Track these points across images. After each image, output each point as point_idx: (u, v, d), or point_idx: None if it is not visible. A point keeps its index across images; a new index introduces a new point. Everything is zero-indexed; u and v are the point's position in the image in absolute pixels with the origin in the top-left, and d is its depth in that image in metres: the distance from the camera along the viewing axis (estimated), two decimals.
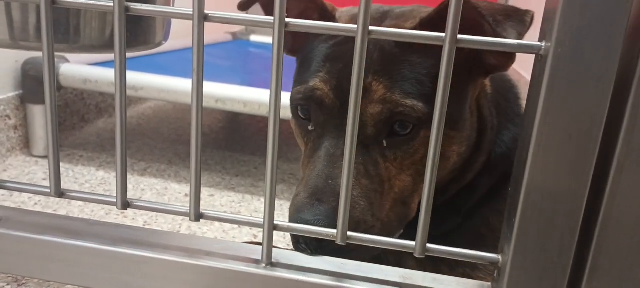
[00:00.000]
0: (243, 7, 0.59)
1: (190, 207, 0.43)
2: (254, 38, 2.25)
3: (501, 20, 0.46)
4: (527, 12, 0.47)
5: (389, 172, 0.54)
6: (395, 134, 0.53)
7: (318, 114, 0.55)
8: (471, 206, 0.63)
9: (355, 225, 0.50)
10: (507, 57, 0.53)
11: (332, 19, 0.61)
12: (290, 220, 0.50)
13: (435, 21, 0.53)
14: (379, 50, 0.53)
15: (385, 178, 0.54)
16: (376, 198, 0.53)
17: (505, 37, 0.44)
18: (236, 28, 2.27)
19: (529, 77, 0.38)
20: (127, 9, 0.39)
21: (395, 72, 0.52)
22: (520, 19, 0.46)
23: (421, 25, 0.54)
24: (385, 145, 0.54)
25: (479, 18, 0.48)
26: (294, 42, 0.65)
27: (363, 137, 0.53)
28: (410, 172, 0.54)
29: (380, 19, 0.59)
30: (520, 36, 0.45)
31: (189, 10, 0.39)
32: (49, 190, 0.45)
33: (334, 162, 0.52)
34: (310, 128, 0.57)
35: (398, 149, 0.54)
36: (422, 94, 0.52)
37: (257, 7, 0.63)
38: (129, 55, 0.42)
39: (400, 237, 0.53)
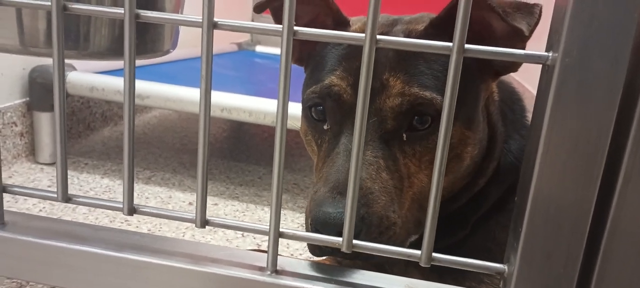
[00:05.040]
0: (258, 9, 0.60)
1: (196, 213, 0.43)
2: (259, 48, 2.26)
3: (510, 12, 0.48)
4: (535, 5, 0.49)
5: (408, 169, 0.54)
6: (414, 129, 0.54)
7: (335, 111, 0.55)
8: (479, 217, 0.62)
9: (378, 221, 0.50)
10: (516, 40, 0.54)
11: (346, 24, 0.62)
12: (311, 215, 0.49)
13: (446, 20, 0.53)
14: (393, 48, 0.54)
15: (405, 175, 0.54)
16: (396, 195, 0.52)
17: (515, 27, 0.48)
18: (242, 38, 2.29)
19: (533, 91, 0.38)
20: (137, 16, 0.40)
21: (412, 68, 0.53)
22: (529, 11, 0.49)
23: (432, 26, 0.56)
24: (404, 139, 0.54)
25: (488, 11, 0.50)
26: (302, 50, 0.65)
27: (382, 131, 0.53)
28: (427, 172, 0.55)
29: (391, 25, 0.60)
30: (530, 27, 0.48)
31: (198, 17, 0.39)
32: (55, 196, 0.45)
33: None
34: (325, 127, 0.57)
35: (417, 144, 0.54)
36: (439, 88, 0.52)
37: (267, 18, 0.63)
38: (137, 62, 0.42)
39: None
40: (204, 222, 0.43)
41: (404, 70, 0.53)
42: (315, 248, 0.52)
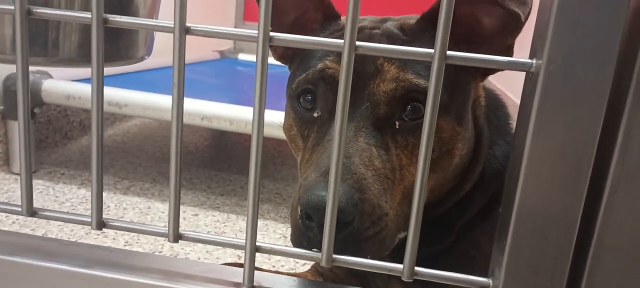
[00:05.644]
0: None
1: (168, 227, 0.41)
2: (242, 56, 2.24)
3: None
4: None
5: (400, 160, 0.53)
6: (407, 119, 0.53)
7: (328, 95, 0.54)
8: (464, 224, 0.61)
9: (371, 209, 0.48)
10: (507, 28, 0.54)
11: (337, 18, 0.61)
12: (302, 200, 0.47)
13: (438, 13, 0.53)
14: (386, 38, 0.55)
15: (396, 166, 0.52)
16: (388, 185, 0.51)
17: (512, 11, 0.49)
18: (224, 46, 2.27)
19: (516, 100, 0.37)
20: (106, 20, 0.38)
21: None
22: (522, 0, 0.50)
23: (425, 20, 0.56)
24: (397, 127, 0.53)
25: (481, 4, 0.51)
26: (287, 48, 0.64)
27: (375, 117, 0.52)
28: None
29: (381, 22, 0.59)
30: (524, 14, 0.49)
31: (170, 22, 0.37)
32: (19, 209, 0.43)
33: (346, 142, 0.50)
34: (315, 115, 0.55)
35: (410, 135, 0.53)
36: None
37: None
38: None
39: (391, 257, 0.52)
40: (176, 237, 0.41)
41: (398, 58, 0.52)
42: (301, 243, 0.49)
